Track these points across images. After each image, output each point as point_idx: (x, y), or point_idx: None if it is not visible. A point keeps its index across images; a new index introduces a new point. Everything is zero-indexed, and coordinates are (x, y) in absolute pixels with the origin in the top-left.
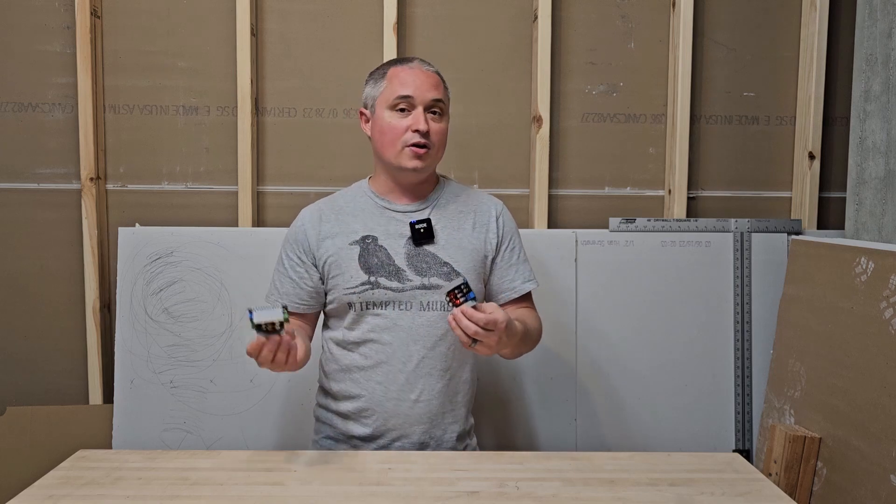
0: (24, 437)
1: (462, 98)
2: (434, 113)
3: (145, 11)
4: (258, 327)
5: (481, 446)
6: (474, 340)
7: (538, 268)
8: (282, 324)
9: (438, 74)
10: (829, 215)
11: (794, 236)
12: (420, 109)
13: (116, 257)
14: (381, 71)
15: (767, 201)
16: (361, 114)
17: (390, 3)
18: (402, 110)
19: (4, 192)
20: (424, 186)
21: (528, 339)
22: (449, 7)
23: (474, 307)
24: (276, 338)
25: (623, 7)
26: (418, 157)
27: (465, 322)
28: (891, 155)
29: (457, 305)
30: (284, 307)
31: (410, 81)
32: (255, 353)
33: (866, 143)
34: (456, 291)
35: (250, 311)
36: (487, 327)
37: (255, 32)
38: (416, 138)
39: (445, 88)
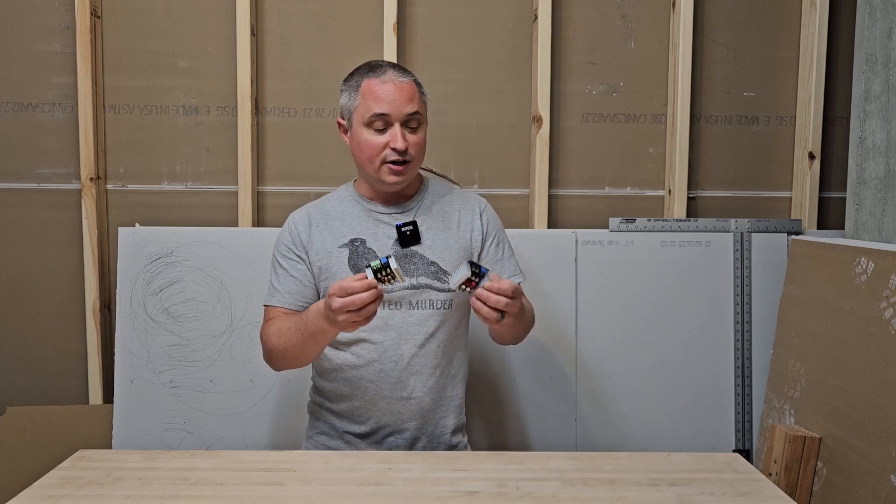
0: (24, 437)
1: (462, 98)
2: (411, 126)
3: (145, 11)
4: (381, 272)
5: (483, 447)
6: (501, 314)
7: (538, 268)
8: (392, 279)
9: (414, 81)
10: (829, 215)
11: (794, 236)
12: (397, 126)
13: (116, 257)
14: (354, 81)
15: (767, 201)
16: (339, 125)
17: (390, 3)
18: (378, 127)
19: (4, 192)
20: (408, 189)
21: (524, 316)
22: (449, 7)
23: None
24: (381, 289)
25: (623, 7)
26: (397, 173)
27: (495, 298)
28: (891, 155)
29: (474, 287)
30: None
31: (385, 98)
32: (358, 290)
33: (866, 143)
34: (472, 277)
35: (387, 257)
36: (514, 296)
37: (255, 32)
38: (395, 156)
39: (422, 94)
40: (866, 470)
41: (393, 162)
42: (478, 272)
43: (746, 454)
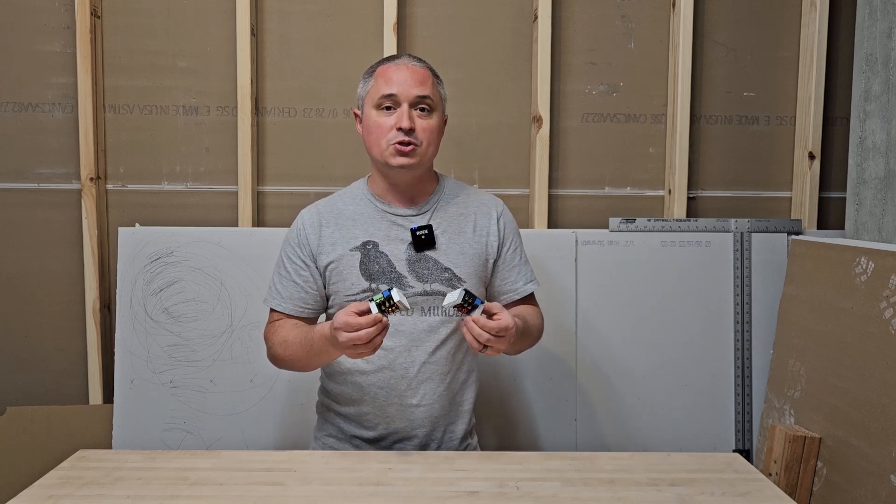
0: (24, 436)
1: (462, 98)
2: (422, 110)
3: (145, 11)
4: (384, 304)
5: (482, 447)
6: (484, 346)
7: (538, 268)
8: (395, 309)
9: (430, 69)
10: (829, 215)
11: (794, 236)
12: (405, 107)
13: (116, 257)
14: (370, 69)
15: (767, 201)
16: (356, 115)
17: (390, 3)
18: (387, 108)
19: (4, 192)
20: (423, 187)
21: (529, 335)
22: (449, 7)
23: (484, 311)
24: (386, 320)
25: (623, 7)
26: (404, 154)
27: (478, 331)
28: (891, 155)
29: (466, 313)
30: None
31: (395, 79)
32: (364, 325)
33: (866, 143)
34: (464, 304)
35: (389, 289)
36: (499, 334)
37: (255, 32)
38: (400, 136)
39: (436, 84)
40: (866, 470)
41: (399, 142)
42: (471, 302)
43: (746, 454)
